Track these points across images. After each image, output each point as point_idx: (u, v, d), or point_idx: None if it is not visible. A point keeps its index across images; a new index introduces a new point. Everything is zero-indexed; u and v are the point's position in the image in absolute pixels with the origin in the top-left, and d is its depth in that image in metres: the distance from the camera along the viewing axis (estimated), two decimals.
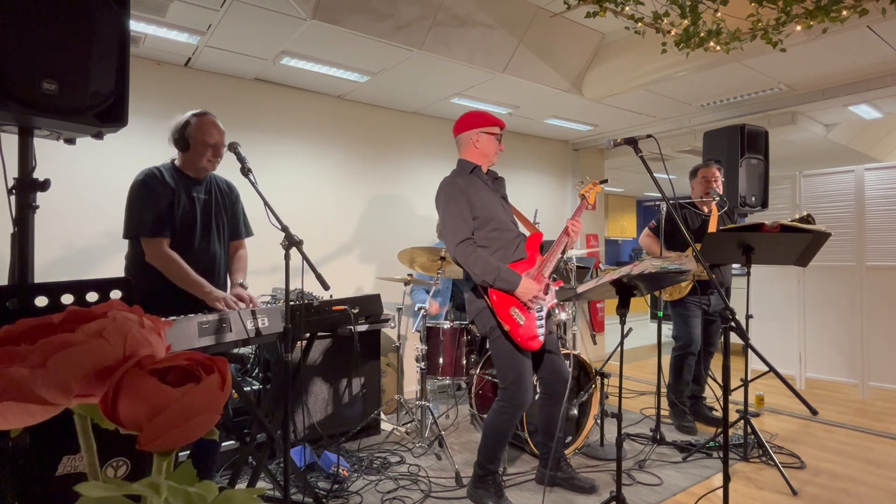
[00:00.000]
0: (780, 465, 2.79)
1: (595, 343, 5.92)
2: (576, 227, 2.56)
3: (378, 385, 3.55)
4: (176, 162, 2.35)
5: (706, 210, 3.51)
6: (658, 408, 3.31)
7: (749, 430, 3.04)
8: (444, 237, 2.51)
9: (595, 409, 3.19)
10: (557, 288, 2.51)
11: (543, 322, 2.48)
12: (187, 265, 2.20)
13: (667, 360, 3.57)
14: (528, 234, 2.62)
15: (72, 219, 3.13)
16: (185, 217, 2.29)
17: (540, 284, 2.43)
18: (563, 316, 3.41)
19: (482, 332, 2.50)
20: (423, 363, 3.28)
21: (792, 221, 3.07)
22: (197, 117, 2.30)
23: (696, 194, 3.56)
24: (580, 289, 2.20)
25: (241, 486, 2.53)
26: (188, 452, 2.39)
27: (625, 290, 2.19)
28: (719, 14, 2.77)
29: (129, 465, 1.45)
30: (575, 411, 3.07)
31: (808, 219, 3.04)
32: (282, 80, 3.86)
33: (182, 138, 2.29)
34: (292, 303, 2.06)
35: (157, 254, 2.19)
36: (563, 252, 2.63)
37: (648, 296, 2.87)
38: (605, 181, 2.77)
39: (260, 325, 2.02)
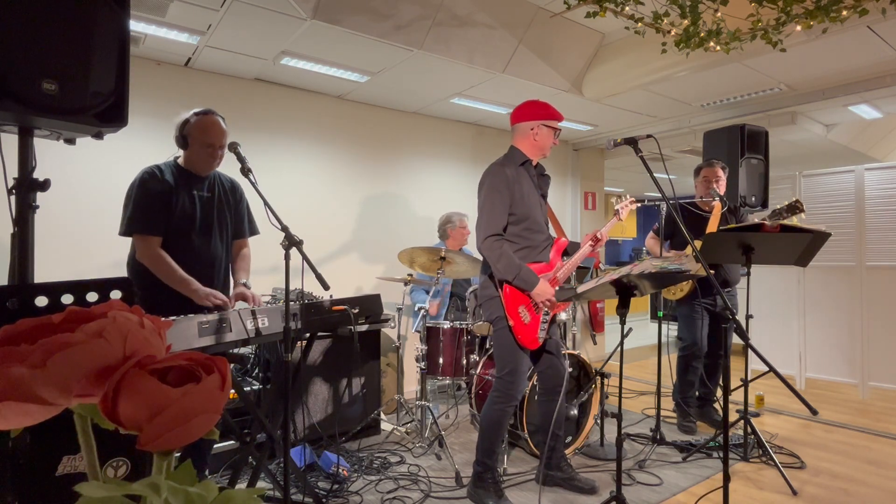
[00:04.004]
0: (780, 465, 2.79)
1: (595, 343, 5.92)
2: (603, 241, 2.61)
3: (378, 385, 3.55)
4: (179, 160, 2.36)
5: (707, 209, 3.51)
6: (658, 408, 3.30)
7: (749, 430, 3.04)
8: (477, 223, 2.51)
9: (595, 409, 3.19)
10: (557, 288, 2.52)
11: (547, 325, 2.51)
12: (175, 263, 2.21)
13: (667, 360, 3.56)
14: (555, 236, 2.64)
15: (72, 219, 3.13)
16: (184, 215, 2.29)
17: (554, 288, 2.45)
18: (563, 316, 3.41)
19: (487, 318, 2.55)
20: (423, 363, 3.28)
21: (780, 208, 3.08)
22: (197, 116, 2.30)
23: (698, 194, 3.57)
24: (580, 289, 2.20)
25: (241, 486, 2.53)
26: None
27: (625, 290, 2.19)
28: (719, 14, 2.77)
29: (129, 465, 1.45)
30: (575, 411, 3.07)
31: (796, 205, 3.04)
32: (282, 80, 3.86)
33: (181, 136, 2.31)
34: (293, 302, 2.06)
35: (146, 252, 2.21)
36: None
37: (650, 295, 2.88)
38: (642, 201, 2.83)
39: (260, 325, 2.02)
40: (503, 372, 2.48)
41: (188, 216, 2.31)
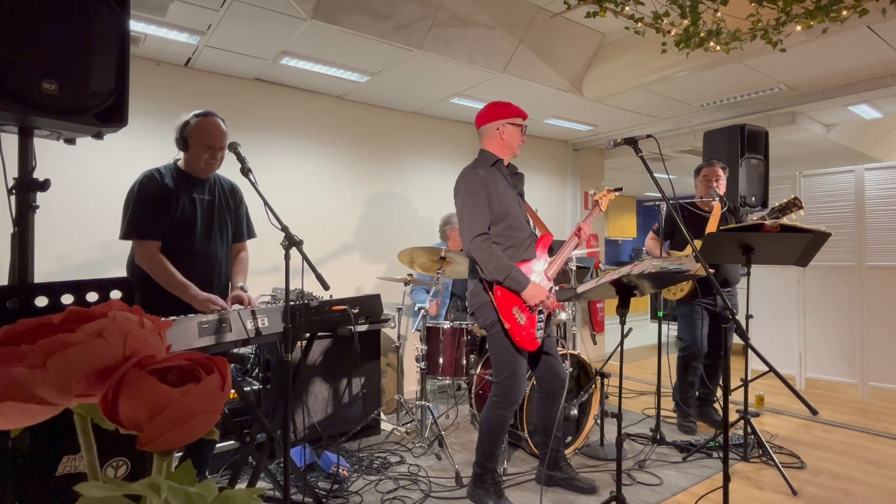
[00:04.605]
0: (780, 465, 2.79)
1: (595, 343, 5.92)
2: (586, 231, 2.59)
3: (378, 385, 3.55)
4: (179, 162, 2.35)
5: (707, 209, 3.51)
6: (658, 408, 3.30)
7: (749, 430, 3.04)
8: (459, 228, 2.50)
9: (595, 409, 3.19)
10: (557, 288, 2.51)
11: (543, 324, 2.50)
12: (173, 268, 2.19)
13: (667, 360, 3.56)
14: (539, 233, 2.63)
15: (71, 218, 3.13)
16: (184, 218, 2.28)
17: (545, 287, 2.44)
18: (563, 316, 3.41)
19: (482, 324, 2.52)
20: (423, 363, 3.28)
21: (779, 205, 3.08)
22: (197, 118, 2.29)
23: (698, 193, 3.57)
24: (580, 289, 2.20)
25: (241, 486, 2.53)
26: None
27: (625, 290, 2.19)
28: (719, 14, 2.77)
29: (129, 465, 1.45)
30: (575, 411, 3.07)
31: (794, 202, 3.05)
32: (282, 80, 3.86)
33: (181, 138, 2.30)
34: (292, 303, 2.06)
35: (145, 256, 2.20)
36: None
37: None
38: (620, 189, 2.81)
39: (260, 325, 2.02)
40: (502, 377, 2.46)
41: (189, 220, 2.30)
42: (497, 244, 2.44)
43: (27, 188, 1.59)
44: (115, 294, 1.47)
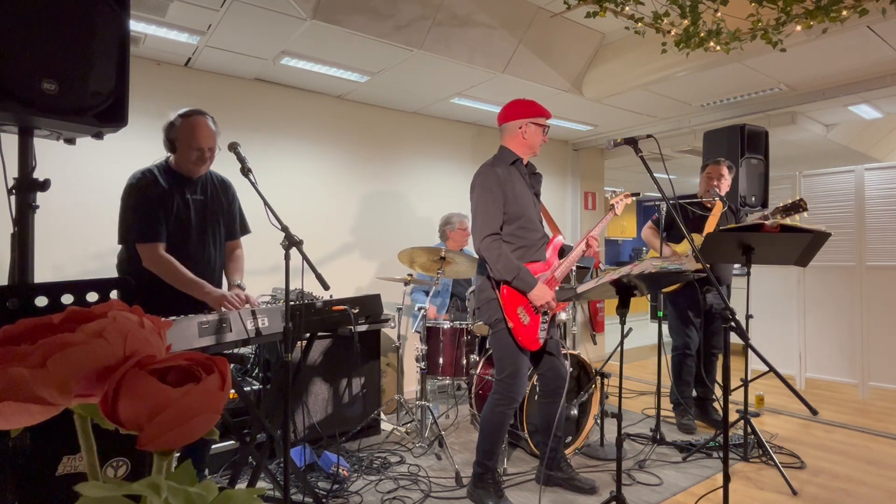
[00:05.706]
0: (780, 465, 2.79)
1: (595, 343, 5.92)
2: (596, 241, 2.62)
3: (378, 385, 3.55)
4: (170, 161, 2.32)
5: (708, 206, 3.50)
6: (658, 408, 3.30)
7: (749, 430, 3.04)
8: (472, 225, 2.51)
9: (595, 409, 3.19)
10: (557, 288, 2.52)
11: (546, 325, 2.50)
12: (184, 267, 2.17)
13: (666, 360, 3.56)
14: (550, 235, 2.64)
15: (72, 219, 3.13)
16: (179, 218, 2.26)
17: (552, 289, 2.44)
18: (563, 316, 3.41)
19: (485, 321, 2.53)
20: (423, 363, 3.28)
21: (783, 205, 3.08)
22: (183, 118, 2.23)
23: (701, 190, 3.57)
24: (580, 289, 2.20)
25: (241, 486, 2.53)
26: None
27: (625, 290, 2.19)
28: (719, 14, 2.77)
29: (129, 465, 1.45)
30: (575, 411, 3.07)
31: (799, 203, 3.04)
32: (282, 80, 3.86)
33: (168, 140, 2.26)
34: (292, 302, 2.06)
35: (153, 259, 2.16)
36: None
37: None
38: (637, 194, 2.80)
39: (260, 325, 2.02)
40: (503, 374, 2.47)
41: (183, 221, 2.27)
42: (508, 244, 2.44)
43: (27, 188, 1.59)
44: (115, 294, 1.48)
